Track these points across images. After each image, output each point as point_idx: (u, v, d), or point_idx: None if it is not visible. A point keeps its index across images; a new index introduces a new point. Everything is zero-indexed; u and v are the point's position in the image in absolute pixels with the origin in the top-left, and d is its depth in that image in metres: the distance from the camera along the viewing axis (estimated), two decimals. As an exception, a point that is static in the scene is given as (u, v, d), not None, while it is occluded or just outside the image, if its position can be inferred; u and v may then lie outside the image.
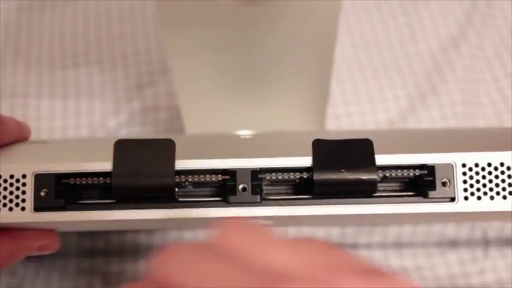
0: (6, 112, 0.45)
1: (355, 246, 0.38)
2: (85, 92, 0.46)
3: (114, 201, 0.26)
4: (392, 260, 0.38)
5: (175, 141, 0.26)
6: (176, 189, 0.26)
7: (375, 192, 0.26)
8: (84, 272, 0.37)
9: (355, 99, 0.46)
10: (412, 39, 0.49)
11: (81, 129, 0.44)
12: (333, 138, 0.27)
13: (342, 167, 0.26)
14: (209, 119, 0.39)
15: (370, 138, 0.26)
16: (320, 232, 0.39)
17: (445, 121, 0.44)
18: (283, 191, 0.27)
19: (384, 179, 0.27)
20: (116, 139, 0.26)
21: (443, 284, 0.37)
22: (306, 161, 0.26)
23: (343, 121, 0.45)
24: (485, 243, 0.39)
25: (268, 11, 0.29)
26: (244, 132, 0.37)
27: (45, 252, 0.32)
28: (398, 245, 0.39)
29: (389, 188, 0.27)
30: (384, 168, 0.26)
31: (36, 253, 0.31)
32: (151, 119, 0.45)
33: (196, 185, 0.27)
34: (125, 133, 0.44)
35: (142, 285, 0.17)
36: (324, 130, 0.41)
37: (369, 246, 0.39)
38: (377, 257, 0.38)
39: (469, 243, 0.39)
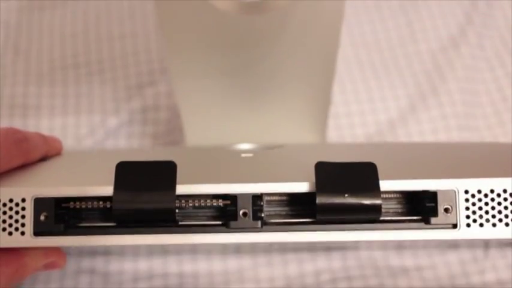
0: (5, 112, 0.45)
1: (355, 246, 0.38)
2: (85, 91, 0.46)
3: (114, 224, 0.26)
4: (393, 260, 0.38)
5: (176, 158, 0.26)
6: (177, 210, 0.25)
7: (379, 218, 0.26)
8: (84, 271, 0.37)
9: (355, 99, 0.46)
10: (412, 39, 0.49)
11: (81, 128, 0.44)
12: (334, 155, 0.26)
13: (346, 192, 0.25)
14: (209, 129, 0.38)
15: (372, 157, 0.26)
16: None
17: (445, 121, 0.44)
18: (284, 214, 0.27)
19: (386, 204, 0.27)
20: (118, 161, 0.26)
21: (443, 284, 0.37)
22: (309, 186, 0.26)
23: (343, 121, 0.45)
24: (486, 243, 0.39)
25: (270, 20, 0.29)
26: (245, 147, 0.37)
27: (52, 270, 0.31)
28: (399, 245, 0.39)
29: (391, 211, 0.27)
30: (387, 193, 0.26)
31: (43, 271, 0.31)
32: (151, 119, 0.45)
33: (196, 207, 0.27)
34: (125, 133, 0.44)
35: None
36: (326, 143, 0.41)
37: (369, 246, 0.39)
38: (378, 257, 0.38)
39: (470, 243, 0.39)
